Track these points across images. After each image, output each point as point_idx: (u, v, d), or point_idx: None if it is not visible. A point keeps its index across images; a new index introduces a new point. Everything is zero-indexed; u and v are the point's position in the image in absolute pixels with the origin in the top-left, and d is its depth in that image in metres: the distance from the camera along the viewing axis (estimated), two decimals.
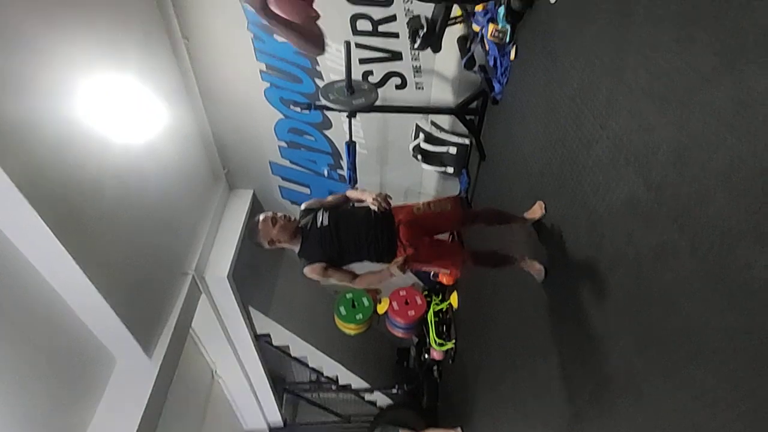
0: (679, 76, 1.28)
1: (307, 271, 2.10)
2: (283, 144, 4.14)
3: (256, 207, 4.53)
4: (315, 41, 1.97)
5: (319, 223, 2.12)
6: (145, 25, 3.03)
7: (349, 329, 4.68)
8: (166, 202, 3.26)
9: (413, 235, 2.11)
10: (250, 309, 4.59)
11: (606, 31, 1.69)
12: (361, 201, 2.22)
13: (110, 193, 2.55)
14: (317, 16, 1.99)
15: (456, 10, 2.94)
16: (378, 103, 3.19)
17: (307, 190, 4.54)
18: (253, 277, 4.50)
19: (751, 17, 1.05)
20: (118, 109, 2.61)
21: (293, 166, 4.34)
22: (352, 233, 2.10)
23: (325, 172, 4.35)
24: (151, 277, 3.05)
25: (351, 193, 2.31)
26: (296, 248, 2.15)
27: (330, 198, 2.32)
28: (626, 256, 1.54)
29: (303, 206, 2.28)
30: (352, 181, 3.87)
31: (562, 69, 2.05)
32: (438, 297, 4.62)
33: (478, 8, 2.74)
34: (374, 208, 2.10)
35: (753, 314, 1.03)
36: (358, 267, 2.22)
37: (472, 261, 2.33)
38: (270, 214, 2.13)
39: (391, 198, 2.19)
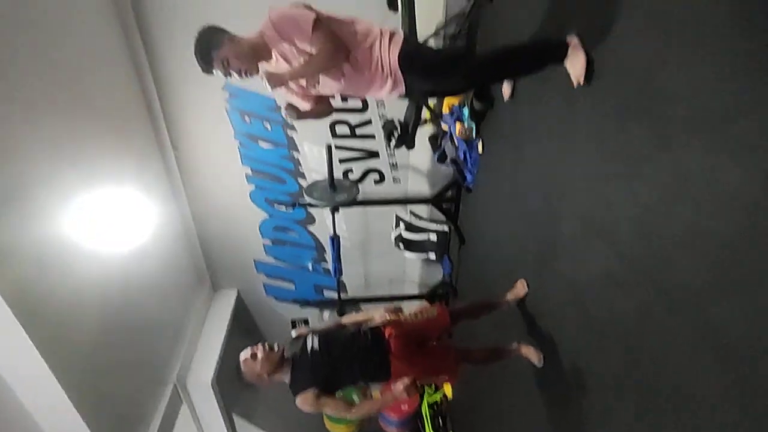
0: (624, 157, 1.48)
1: (299, 402, 1.93)
2: (268, 242, 4.23)
3: (240, 307, 4.45)
4: (326, 109, 2.05)
5: (309, 348, 2.00)
6: (138, 139, 3.26)
7: (340, 430, 4.37)
8: (149, 309, 3.20)
9: (405, 346, 2.02)
10: (234, 416, 4.27)
11: (557, 122, 1.94)
12: (360, 323, 2.15)
13: (91, 310, 2.50)
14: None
15: (425, 113, 3.30)
16: (359, 197, 3.39)
17: (291, 286, 4.53)
18: (239, 381, 4.26)
19: (674, 109, 1.27)
20: (108, 221, 2.70)
21: (278, 263, 4.38)
22: (342, 353, 1.99)
23: (310, 266, 4.40)
24: (131, 392, 2.88)
25: (346, 319, 2.24)
26: (287, 379, 2.01)
27: (322, 325, 2.24)
28: (612, 322, 1.61)
29: (293, 334, 2.18)
30: (338, 272, 3.93)
31: (525, 157, 2.29)
32: (430, 387, 4.44)
33: (445, 110, 3.09)
34: (386, 318, 2.06)
35: (735, 364, 1.10)
36: None
37: (469, 361, 2.30)
38: (248, 350, 2.02)
39: (401, 309, 2.17)
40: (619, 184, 1.53)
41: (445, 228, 3.92)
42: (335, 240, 3.74)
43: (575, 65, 1.61)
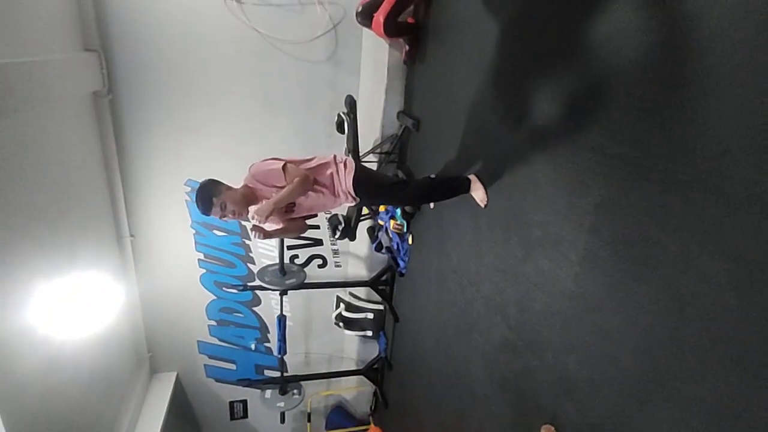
0: (506, 258, 2.17)
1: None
2: (213, 323, 4.42)
3: (178, 390, 4.45)
4: (299, 229, 2.48)
5: None
6: (99, 227, 3.50)
7: None
8: (91, 395, 3.20)
9: None
10: None
11: (467, 228, 2.64)
12: None
13: (33, 391, 2.50)
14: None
15: (364, 210, 3.95)
16: (305, 282, 3.84)
17: (233, 366, 4.65)
18: None
19: (532, 231, 1.98)
20: (62, 306, 2.83)
21: (221, 344, 4.53)
22: None
23: (253, 346, 4.60)
24: None
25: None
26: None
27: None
28: (507, 379, 2.19)
29: None
30: (282, 351, 4.20)
31: (445, 251, 2.96)
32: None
33: (381, 209, 3.76)
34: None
35: (593, 405, 1.70)
36: None
37: None
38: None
39: None
40: (506, 277, 2.20)
41: (381, 307, 4.43)
42: (282, 320, 4.07)
43: (478, 193, 2.35)
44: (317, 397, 5.02)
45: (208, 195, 2.09)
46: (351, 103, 3.40)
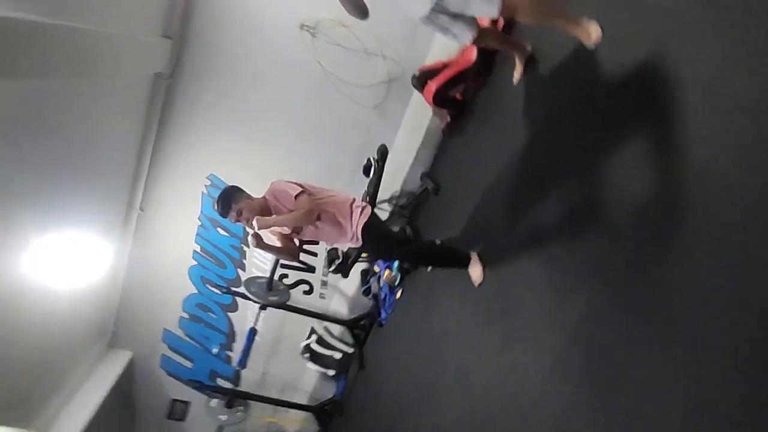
0: (483, 341, 2.23)
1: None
2: (185, 315, 4.41)
3: (128, 371, 4.37)
4: (292, 254, 2.64)
5: None
6: (113, 191, 3.62)
7: None
8: (42, 347, 3.16)
9: None
10: None
11: (455, 304, 2.72)
12: None
13: None
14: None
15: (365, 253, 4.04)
16: (287, 303, 3.87)
17: (189, 365, 4.58)
18: None
19: (514, 323, 2.06)
20: (54, 256, 2.91)
21: (186, 338, 4.49)
22: None
23: (215, 350, 4.55)
24: None
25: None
26: None
27: None
28: None
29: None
30: (242, 364, 4.15)
31: (428, 316, 3.01)
32: None
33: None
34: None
35: None
36: None
37: None
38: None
39: None
40: (479, 359, 2.25)
41: (351, 351, 4.40)
42: (252, 333, 4.07)
43: (474, 272, 2.45)
44: (260, 421, 4.85)
45: (229, 200, 2.26)
46: (383, 153, 3.59)
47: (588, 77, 2.11)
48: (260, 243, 2.32)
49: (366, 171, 3.68)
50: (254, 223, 2.19)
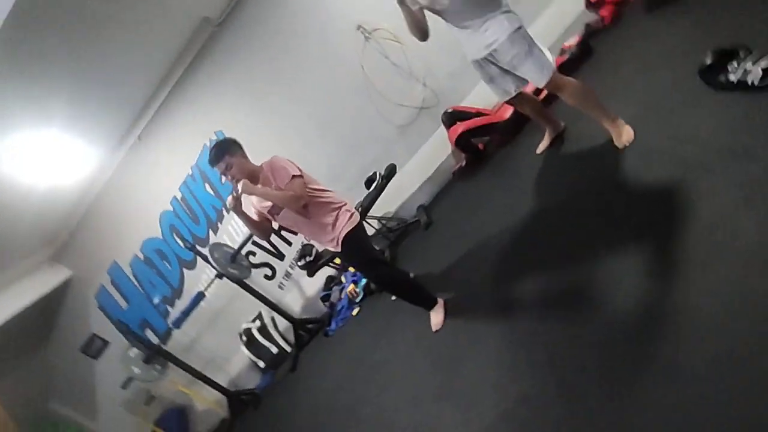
0: (421, 387, 2.17)
1: None
2: (141, 256, 4.28)
3: (60, 290, 4.20)
4: (265, 233, 2.55)
5: None
6: (120, 109, 3.54)
7: None
8: None
9: None
10: None
11: (407, 338, 2.66)
12: None
13: None
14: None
15: (337, 259, 3.98)
16: (245, 280, 3.78)
17: (124, 305, 4.42)
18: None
19: (456, 380, 2.01)
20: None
21: (131, 278, 4.35)
22: None
23: (156, 301, 4.40)
24: None
25: None
26: None
27: None
28: None
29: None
30: (177, 323, 4.02)
31: (376, 343, 2.94)
32: None
33: (352, 269, 3.80)
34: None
35: None
36: None
37: None
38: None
39: None
40: (410, 402, 2.18)
41: (289, 350, 4.29)
42: (199, 297, 3.95)
43: (436, 317, 2.40)
44: (172, 387, 4.66)
45: (225, 149, 2.21)
46: (390, 172, 3.59)
47: (606, 175, 2.14)
48: (237, 207, 2.25)
49: (368, 183, 3.66)
50: (239, 185, 2.15)
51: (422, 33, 2.20)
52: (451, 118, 3.59)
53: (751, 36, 1.88)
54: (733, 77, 1.78)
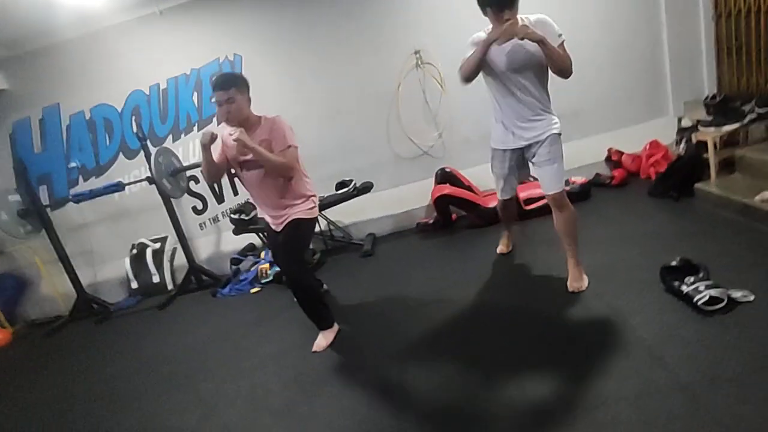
0: (262, 397, 2.04)
1: None
2: (87, 115, 3.93)
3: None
4: (215, 176, 2.35)
5: None
6: None
7: None
8: None
9: None
10: None
11: (282, 343, 2.53)
12: None
13: None
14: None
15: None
16: (173, 199, 3.55)
17: (38, 149, 4.00)
18: None
19: (301, 407, 1.90)
20: None
21: (63, 129, 3.96)
22: None
23: (72, 165, 4.02)
24: None
25: None
26: None
27: None
28: None
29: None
30: (77, 198, 3.65)
31: (252, 327, 2.78)
32: None
33: None
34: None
35: None
36: None
37: None
38: None
39: None
40: (247, 403, 2.04)
41: (170, 288, 3.99)
42: (117, 187, 3.64)
43: (322, 340, 2.29)
44: (29, 254, 4.13)
45: (236, 82, 2.09)
46: (366, 188, 3.56)
47: (545, 306, 2.17)
48: (209, 144, 2.11)
49: (340, 185, 3.60)
50: (232, 130, 2.04)
51: (467, 78, 2.11)
52: (444, 177, 3.63)
53: (724, 267, 2.01)
54: (684, 288, 1.88)
